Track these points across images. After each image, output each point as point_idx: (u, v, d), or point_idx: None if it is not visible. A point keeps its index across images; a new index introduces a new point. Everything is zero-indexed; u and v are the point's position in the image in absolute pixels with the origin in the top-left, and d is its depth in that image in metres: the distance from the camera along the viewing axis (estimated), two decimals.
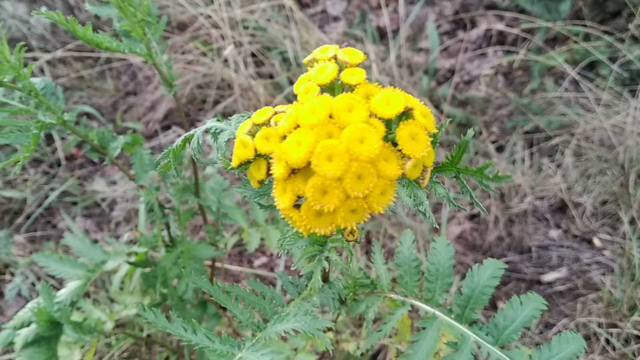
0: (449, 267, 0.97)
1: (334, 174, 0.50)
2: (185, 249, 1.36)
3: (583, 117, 2.61)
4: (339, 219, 0.54)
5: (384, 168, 0.53)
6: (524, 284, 2.15)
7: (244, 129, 0.63)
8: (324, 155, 0.51)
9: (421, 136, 0.56)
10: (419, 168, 0.57)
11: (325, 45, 0.69)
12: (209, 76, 3.03)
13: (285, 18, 3.21)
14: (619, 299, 1.96)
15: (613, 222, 2.30)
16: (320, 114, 0.53)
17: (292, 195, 0.54)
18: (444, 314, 0.93)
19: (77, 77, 3.25)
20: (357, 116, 0.54)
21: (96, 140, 1.30)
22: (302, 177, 0.54)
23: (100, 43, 1.14)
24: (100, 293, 2.07)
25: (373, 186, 0.52)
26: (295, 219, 0.56)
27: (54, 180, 2.71)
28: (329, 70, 0.62)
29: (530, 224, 2.35)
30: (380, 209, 0.54)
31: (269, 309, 0.83)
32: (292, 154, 0.52)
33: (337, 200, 0.52)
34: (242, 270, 2.24)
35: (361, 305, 1.00)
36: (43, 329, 1.20)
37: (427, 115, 0.58)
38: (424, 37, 3.36)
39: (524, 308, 0.87)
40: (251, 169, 0.62)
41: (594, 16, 3.12)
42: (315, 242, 0.73)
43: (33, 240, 2.46)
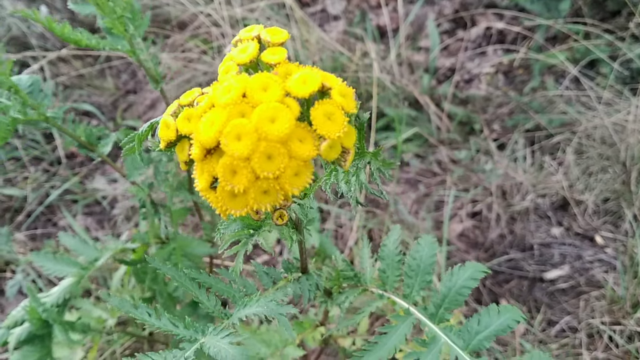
0: (430, 265, 0.96)
1: (242, 153, 0.50)
2: (177, 246, 1.35)
3: (584, 115, 2.61)
4: (250, 200, 0.53)
5: (297, 148, 0.52)
6: (526, 282, 2.15)
7: (170, 110, 0.62)
8: (233, 134, 0.50)
9: (337, 116, 0.54)
10: (337, 149, 0.56)
11: (251, 25, 0.68)
12: (210, 74, 3.03)
13: (286, 17, 3.21)
14: (622, 297, 1.96)
15: (615, 220, 2.30)
16: (234, 93, 0.52)
17: (207, 176, 0.54)
18: (419, 311, 0.91)
19: (77, 76, 3.24)
20: (271, 95, 0.53)
21: (84, 137, 1.29)
22: (217, 157, 0.53)
23: (79, 40, 1.13)
24: (102, 290, 2.06)
25: (284, 167, 0.51)
26: (212, 200, 0.55)
27: (55, 178, 2.70)
28: (250, 50, 0.61)
29: (532, 222, 2.35)
30: (295, 190, 0.53)
31: (238, 297, 0.83)
32: (204, 133, 0.52)
33: (245, 181, 0.51)
34: (243, 267, 2.23)
35: (341, 297, 0.99)
36: (36, 327, 1.19)
37: (346, 95, 0.57)
38: (424, 36, 3.36)
39: (501, 317, 0.84)
40: (177, 151, 0.61)
41: (594, 15, 3.12)
42: (249, 227, 0.72)
43: (34, 238, 2.45)
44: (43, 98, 1.13)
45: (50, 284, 2.16)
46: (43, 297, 1.24)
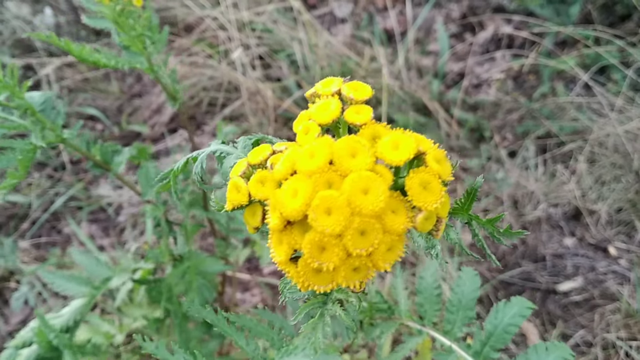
0: (473, 300, 0.92)
1: (333, 230, 0.45)
2: (192, 264, 1.32)
3: (596, 122, 2.58)
4: (339, 278, 0.48)
5: (391, 222, 0.47)
6: (539, 294, 2.12)
7: (239, 170, 0.57)
8: (322, 208, 0.45)
9: (434, 185, 0.49)
10: (432, 220, 0.51)
11: (328, 78, 0.62)
12: (216, 79, 2.99)
13: (293, 20, 3.17)
14: (638, 310, 1.92)
15: (628, 230, 2.27)
16: (319, 160, 0.48)
17: (288, 249, 0.49)
18: (461, 349, 0.87)
19: (82, 79, 3.21)
20: (361, 163, 0.48)
21: (99, 156, 1.26)
22: (300, 229, 0.48)
23: (97, 61, 1.10)
24: (108, 302, 2.03)
25: (378, 242, 0.46)
26: (293, 275, 0.50)
27: (59, 185, 2.67)
28: (332, 108, 0.56)
29: (544, 232, 2.32)
30: (387, 266, 0.48)
31: (277, 339, 0.79)
32: (287, 204, 0.47)
33: (336, 259, 0.46)
34: (251, 279, 2.20)
35: (376, 330, 0.95)
36: (44, 350, 1.16)
37: (441, 160, 0.52)
38: (432, 40, 3.32)
39: (549, 354, 0.80)
40: (246, 215, 0.57)
41: (604, 19, 3.09)
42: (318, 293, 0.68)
43: (38, 246, 2.42)
44: (56, 116, 1.10)
45: (56, 296, 2.13)
46: (52, 317, 1.21)
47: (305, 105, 2.28)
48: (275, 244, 0.50)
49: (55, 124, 1.09)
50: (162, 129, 2.99)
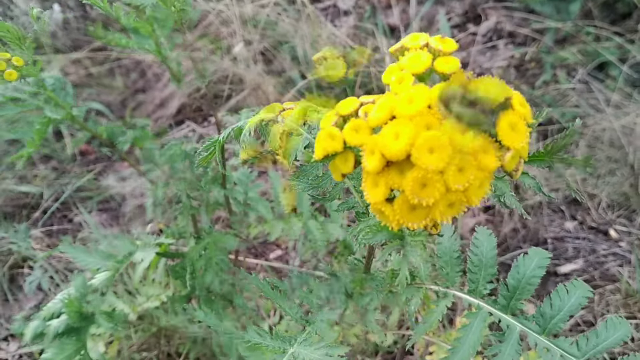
0: (493, 257, 0.96)
1: (437, 166, 0.49)
2: (212, 240, 1.36)
3: (593, 117, 2.61)
4: (436, 213, 0.52)
5: (484, 160, 0.51)
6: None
7: (330, 120, 0.61)
8: (426, 147, 0.49)
9: (520, 126, 0.53)
10: (516, 159, 0.56)
11: (414, 33, 0.67)
12: (222, 71, 3.04)
13: (297, 12, 3.21)
14: (637, 290, 1.96)
15: (629, 214, 2.30)
16: (419, 104, 0.51)
17: (385, 189, 0.53)
18: (488, 304, 0.92)
19: (87, 75, 3.26)
20: None
21: (105, 135, 1.31)
22: (397, 170, 0.52)
23: (110, 40, 1.15)
24: (118, 286, 2.08)
25: (473, 179, 0.50)
26: (388, 213, 0.54)
27: (65, 176, 2.73)
28: (423, 59, 0.60)
29: (545, 216, 2.35)
30: (478, 201, 0.52)
31: (315, 303, 0.83)
32: (390, 146, 0.50)
33: (437, 194, 0.50)
34: (258, 262, 2.25)
35: (401, 297, 0.99)
36: (73, 319, 1.20)
37: (524, 104, 0.56)
38: (435, 31, 3.35)
39: (571, 296, 0.86)
40: (337, 162, 0.60)
41: (604, 17, 3.11)
42: (395, 236, 0.71)
43: (50, 234, 2.48)
44: (65, 96, 1.15)
45: (66, 281, 2.18)
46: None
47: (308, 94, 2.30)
48: (370, 187, 0.54)
49: (66, 101, 1.14)
50: (169, 121, 3.04)
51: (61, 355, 1.18)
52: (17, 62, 1.02)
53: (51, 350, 1.19)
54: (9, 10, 3.19)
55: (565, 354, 0.84)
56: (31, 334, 1.24)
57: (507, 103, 0.55)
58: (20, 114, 1.11)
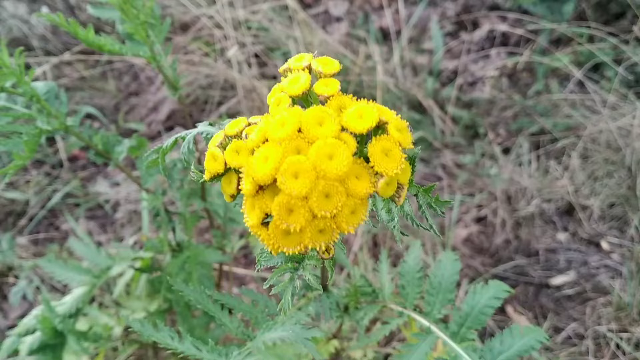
0: (452, 283, 0.95)
1: (300, 192, 0.48)
2: (191, 254, 1.34)
3: (589, 119, 2.60)
4: (306, 239, 0.51)
5: (354, 186, 0.50)
6: (532, 288, 2.14)
7: (216, 141, 0.60)
8: (290, 172, 0.49)
9: (395, 152, 0.53)
10: (393, 186, 0.54)
11: (300, 54, 0.65)
12: (212, 77, 3.01)
13: (288, 19, 3.19)
14: (629, 303, 1.95)
15: (621, 225, 2.29)
16: (288, 128, 0.51)
17: (260, 213, 0.52)
18: (440, 330, 0.90)
19: (79, 78, 3.23)
20: (327, 131, 0.51)
21: (100, 145, 1.28)
22: (270, 194, 0.51)
23: (102, 46, 1.12)
24: (106, 296, 2.05)
25: (342, 205, 0.49)
26: (264, 237, 0.53)
27: (57, 182, 2.69)
28: (302, 81, 0.59)
29: (537, 227, 2.34)
30: (351, 229, 0.51)
31: (261, 318, 0.82)
32: (258, 169, 0.50)
33: (303, 220, 0.49)
34: (247, 273, 2.22)
35: (360, 313, 0.98)
36: (47, 336, 1.18)
37: (402, 129, 0.55)
38: (427, 38, 3.34)
39: (524, 337, 0.84)
40: (222, 183, 0.60)
41: (598, 17, 3.11)
42: (291, 259, 0.70)
43: (36, 242, 2.44)
44: (59, 105, 1.12)
45: (54, 290, 2.15)
46: (56, 305, 1.23)
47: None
48: (249, 209, 0.53)
49: (60, 111, 1.12)
50: (159, 127, 3.01)
51: None
52: None
53: None
54: None
55: None
56: (6, 350, 1.21)
57: (382, 128, 0.54)
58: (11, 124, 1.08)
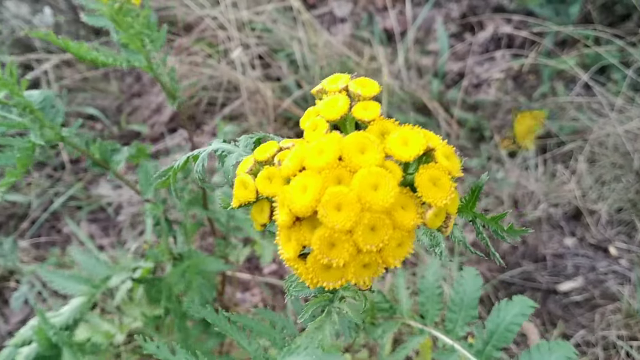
0: (475, 299, 0.92)
1: (343, 226, 0.45)
2: (192, 264, 1.31)
3: (596, 122, 2.58)
4: (349, 275, 0.48)
5: (401, 218, 0.47)
6: (540, 294, 2.11)
7: (246, 166, 0.57)
8: (332, 204, 0.45)
9: (444, 181, 0.49)
10: (442, 217, 0.51)
11: (335, 74, 0.61)
12: (215, 78, 2.99)
13: (292, 20, 3.17)
14: (638, 310, 1.92)
15: (629, 230, 2.26)
16: (328, 156, 0.47)
17: (296, 245, 0.48)
18: (463, 347, 0.87)
19: (81, 79, 3.20)
20: (370, 159, 0.47)
21: (97, 154, 1.24)
22: (309, 225, 0.48)
23: (94, 59, 1.09)
24: (108, 301, 2.03)
25: (388, 238, 0.46)
26: (301, 271, 0.50)
27: (59, 184, 2.67)
28: (340, 104, 0.55)
29: (544, 232, 2.32)
30: (397, 262, 0.48)
31: (279, 339, 0.78)
32: (296, 200, 0.46)
33: (347, 255, 0.46)
34: (252, 278, 2.20)
35: (378, 330, 0.95)
36: (43, 348, 1.15)
37: (450, 156, 0.52)
38: (432, 40, 3.32)
39: (552, 354, 0.80)
40: (253, 212, 0.56)
41: (603, 19, 3.08)
42: (325, 291, 0.66)
43: (38, 245, 2.42)
44: (55, 114, 1.09)
45: (55, 295, 2.13)
46: (52, 316, 1.21)
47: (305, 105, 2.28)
48: (284, 241, 0.50)
49: (55, 122, 1.09)
50: (162, 128, 2.99)
51: None
52: None
53: None
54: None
55: None
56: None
57: (429, 155, 0.51)
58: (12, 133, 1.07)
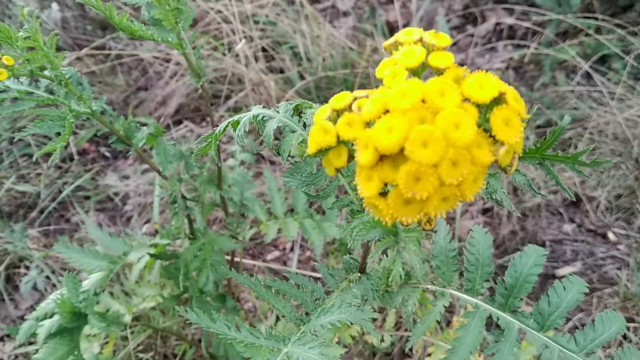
0: (489, 256, 0.96)
1: (430, 160, 0.48)
2: (207, 241, 1.36)
3: (596, 110, 2.60)
4: (430, 207, 0.52)
5: (478, 154, 0.51)
6: (539, 278, 2.14)
7: (323, 114, 0.61)
8: (419, 141, 0.49)
9: (515, 122, 0.53)
10: (510, 154, 0.55)
11: (408, 28, 0.66)
12: (220, 71, 3.03)
13: (296, 13, 3.21)
14: (636, 294, 1.95)
15: (628, 217, 2.29)
16: (412, 98, 0.51)
17: (379, 183, 0.52)
18: (486, 303, 0.93)
19: (89, 73, 3.26)
20: (450, 101, 0.51)
21: (122, 131, 1.31)
22: (391, 164, 0.52)
23: (134, 31, 1.13)
24: (115, 287, 2.08)
25: (467, 173, 0.50)
26: (382, 207, 0.53)
27: (67, 175, 2.72)
28: (417, 54, 0.59)
29: (543, 218, 2.34)
30: (471, 196, 0.52)
31: (310, 301, 0.83)
32: (383, 140, 0.50)
33: (431, 188, 0.49)
34: (255, 263, 2.24)
35: (397, 298, 0.98)
36: (66, 320, 1.20)
37: (518, 100, 0.56)
38: None
39: (568, 292, 0.87)
40: (330, 156, 0.60)
41: (605, 9, 3.10)
42: (389, 232, 0.71)
43: (47, 234, 2.47)
44: (82, 91, 1.15)
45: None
46: None
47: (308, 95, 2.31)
48: (364, 181, 0.53)
49: (87, 96, 1.15)
50: (167, 120, 3.04)
51: (54, 356, 1.18)
52: (7, 62, 1.01)
53: (44, 350, 1.18)
54: (7, 10, 3.19)
55: (563, 350, 0.85)
56: (24, 334, 1.23)
57: (501, 98, 0.55)
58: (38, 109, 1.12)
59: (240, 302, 1.96)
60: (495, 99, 0.55)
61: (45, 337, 1.21)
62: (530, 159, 0.65)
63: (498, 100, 0.55)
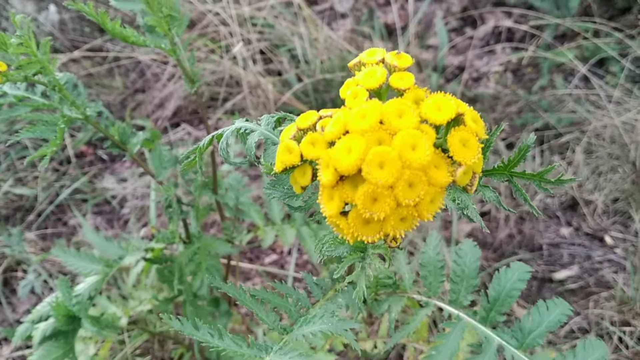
0: (475, 269, 0.97)
1: (386, 181, 0.50)
2: (202, 245, 1.36)
3: (593, 114, 2.60)
4: (388, 227, 0.53)
5: (435, 175, 0.52)
6: (536, 282, 2.15)
7: (289, 133, 0.62)
8: (376, 162, 0.50)
9: (472, 142, 0.55)
10: (469, 175, 0.57)
11: (372, 48, 0.68)
12: (218, 73, 3.03)
13: (294, 15, 3.21)
14: (632, 297, 1.95)
15: (624, 220, 2.29)
16: (370, 120, 0.52)
17: (339, 203, 0.54)
18: (468, 316, 0.93)
19: (86, 75, 3.26)
20: (408, 122, 0.53)
21: (117, 136, 1.31)
22: (351, 184, 0.53)
23: (127, 37, 1.14)
24: (113, 290, 2.08)
25: (424, 194, 0.51)
26: (343, 227, 0.55)
27: (64, 178, 2.72)
28: (378, 74, 0.61)
29: (541, 222, 2.35)
30: (430, 216, 0.53)
31: (295, 311, 0.83)
32: (342, 160, 0.51)
33: (388, 209, 0.51)
34: (253, 267, 2.24)
35: (383, 305, 1.00)
36: (61, 323, 1.20)
37: (477, 120, 0.57)
38: (432, 34, 3.35)
39: (550, 313, 0.87)
40: (295, 175, 0.61)
41: (603, 12, 3.10)
42: (357, 249, 0.72)
43: (44, 237, 2.47)
44: (77, 96, 1.15)
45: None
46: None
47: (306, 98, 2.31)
48: (326, 200, 0.55)
49: (81, 101, 1.15)
50: (165, 123, 3.04)
51: (48, 358, 1.18)
52: (0, 68, 1.02)
53: (38, 352, 1.19)
54: (4, 11, 3.18)
55: None
56: (20, 337, 1.23)
57: (459, 119, 0.56)
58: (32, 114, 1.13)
59: (237, 306, 1.96)
60: (453, 120, 0.56)
61: (40, 340, 1.21)
62: (498, 176, 0.66)
63: (456, 121, 0.57)
